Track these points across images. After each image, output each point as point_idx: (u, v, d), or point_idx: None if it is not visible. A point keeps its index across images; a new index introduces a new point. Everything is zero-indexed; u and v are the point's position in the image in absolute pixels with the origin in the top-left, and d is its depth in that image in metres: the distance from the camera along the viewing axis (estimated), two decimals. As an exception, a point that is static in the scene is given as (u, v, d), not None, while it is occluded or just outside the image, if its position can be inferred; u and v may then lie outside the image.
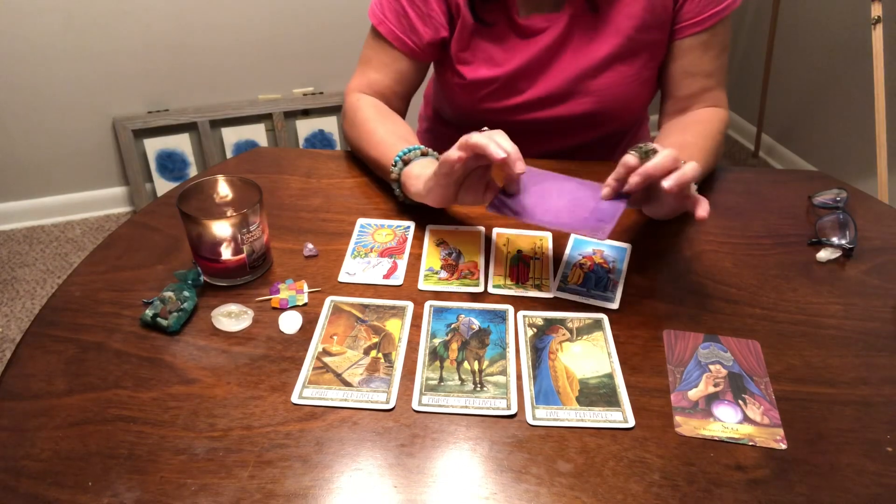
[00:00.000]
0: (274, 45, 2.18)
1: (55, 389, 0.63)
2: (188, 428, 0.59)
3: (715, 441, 0.60)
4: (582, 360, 0.67)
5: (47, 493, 0.54)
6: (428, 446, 0.59)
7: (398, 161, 0.84)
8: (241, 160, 1.00)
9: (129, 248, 0.81)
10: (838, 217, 0.85)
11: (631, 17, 0.92)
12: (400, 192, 0.86)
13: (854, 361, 0.68)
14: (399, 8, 0.94)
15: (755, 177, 0.99)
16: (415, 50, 0.96)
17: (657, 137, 0.97)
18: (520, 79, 0.97)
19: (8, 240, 2.16)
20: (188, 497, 0.54)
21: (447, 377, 0.65)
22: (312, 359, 0.67)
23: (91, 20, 1.97)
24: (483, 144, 0.67)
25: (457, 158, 0.70)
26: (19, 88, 2.01)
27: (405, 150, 0.84)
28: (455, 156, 0.70)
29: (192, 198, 0.75)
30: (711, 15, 0.91)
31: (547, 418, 0.61)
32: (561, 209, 0.74)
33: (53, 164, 2.17)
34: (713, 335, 0.70)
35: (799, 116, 2.47)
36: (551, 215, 0.73)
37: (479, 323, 0.71)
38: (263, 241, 0.76)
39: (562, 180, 0.77)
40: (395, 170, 0.84)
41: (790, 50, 2.44)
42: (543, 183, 0.77)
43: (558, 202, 0.74)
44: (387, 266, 0.79)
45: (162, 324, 0.69)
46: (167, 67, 2.12)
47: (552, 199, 0.75)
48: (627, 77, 0.95)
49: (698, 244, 0.84)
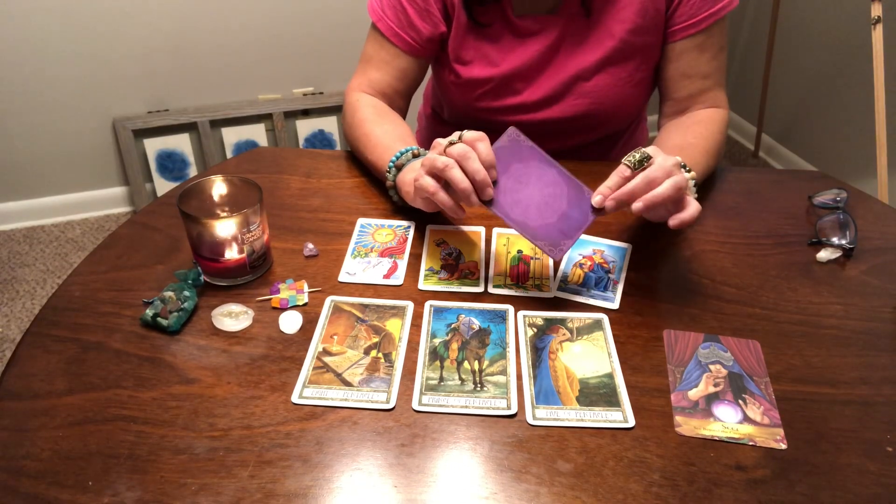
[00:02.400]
0: (274, 45, 2.18)
1: (55, 389, 0.63)
2: (188, 428, 0.60)
3: (715, 441, 0.60)
4: (582, 360, 0.67)
5: (47, 493, 0.54)
6: (428, 446, 0.59)
7: (392, 168, 0.85)
8: (241, 160, 1.00)
9: (130, 248, 0.81)
10: (838, 217, 0.85)
11: (624, 21, 0.92)
12: (398, 197, 0.86)
13: (854, 361, 0.68)
14: (397, 4, 0.95)
15: (755, 177, 0.99)
16: (414, 46, 0.96)
17: (657, 138, 0.97)
18: (515, 80, 0.97)
19: (8, 240, 2.16)
20: (188, 497, 0.54)
21: (447, 377, 0.65)
22: (313, 359, 0.67)
23: (91, 20, 1.97)
24: (453, 179, 0.70)
25: (432, 192, 0.72)
26: (19, 88, 2.01)
27: (398, 154, 0.85)
28: (430, 188, 0.72)
29: (192, 198, 0.75)
30: (706, 17, 0.91)
31: (547, 418, 0.61)
32: (531, 205, 0.72)
33: (53, 164, 2.17)
34: (713, 335, 0.70)
35: (799, 116, 2.47)
36: (519, 211, 0.72)
37: (479, 323, 0.71)
38: (264, 240, 0.76)
39: (545, 167, 0.73)
40: (389, 177, 0.85)
41: (790, 50, 2.44)
42: (529, 162, 0.74)
43: (532, 194, 0.73)
44: (387, 266, 0.79)
45: (162, 323, 0.69)
46: (167, 67, 2.12)
47: (528, 188, 0.73)
48: (620, 79, 0.96)
49: (698, 244, 0.84)
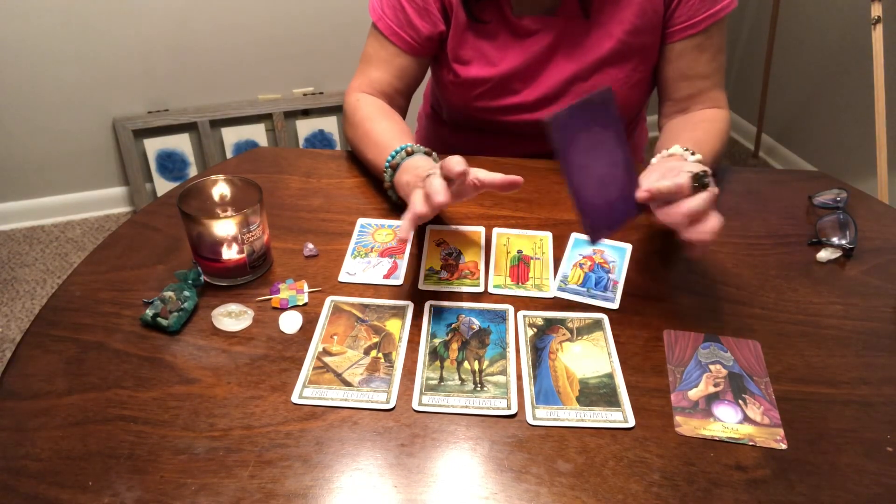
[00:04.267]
0: (274, 45, 2.18)
1: (55, 389, 0.63)
2: (188, 428, 0.59)
3: (715, 441, 0.60)
4: (582, 360, 0.67)
5: (47, 493, 0.54)
6: (428, 446, 0.59)
7: (388, 169, 0.84)
8: (241, 160, 1.00)
9: (130, 248, 0.81)
10: (838, 217, 0.85)
11: (622, 22, 0.92)
12: (396, 197, 0.86)
13: (854, 361, 0.68)
14: (396, 4, 0.95)
15: (755, 177, 0.99)
16: (413, 45, 0.97)
17: (663, 136, 0.96)
18: (513, 80, 0.97)
19: (8, 240, 2.16)
20: (188, 497, 0.54)
21: (447, 377, 0.65)
22: (313, 359, 0.67)
23: (91, 20, 1.97)
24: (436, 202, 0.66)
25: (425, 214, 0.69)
26: (19, 88, 2.01)
27: (392, 154, 0.84)
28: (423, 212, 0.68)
29: (192, 198, 0.75)
30: (705, 18, 0.91)
31: (547, 418, 0.61)
32: (592, 177, 0.70)
33: (53, 164, 2.17)
34: (713, 335, 0.70)
35: (799, 116, 2.47)
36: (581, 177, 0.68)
37: (479, 323, 0.71)
38: (264, 240, 0.76)
39: (617, 145, 0.70)
40: (386, 177, 0.85)
41: (790, 50, 2.44)
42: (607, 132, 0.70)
43: (597, 167, 0.70)
44: (387, 266, 0.79)
45: (162, 323, 0.69)
46: (167, 67, 2.12)
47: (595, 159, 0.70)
48: (618, 79, 0.96)
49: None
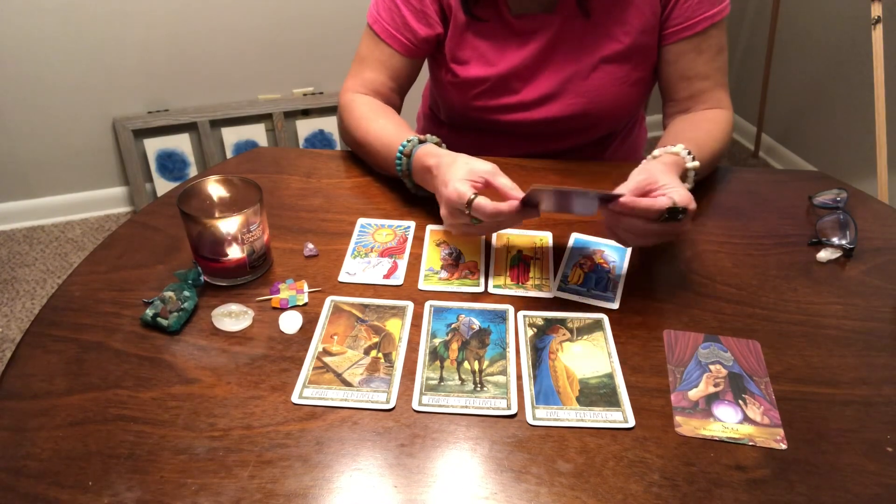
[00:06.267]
0: (274, 45, 2.18)
1: (55, 389, 0.63)
2: (188, 428, 0.59)
3: (715, 441, 0.60)
4: (582, 360, 0.67)
5: (47, 493, 0.54)
6: (428, 446, 0.59)
7: (401, 157, 0.85)
8: (242, 160, 1.00)
9: (130, 248, 0.81)
10: (838, 217, 0.85)
11: (621, 22, 0.92)
12: (412, 184, 0.87)
13: (854, 361, 0.68)
14: (393, 6, 0.95)
15: (755, 177, 0.99)
16: (409, 46, 0.97)
17: (667, 131, 0.96)
18: (511, 79, 0.97)
19: (8, 240, 2.16)
20: (188, 497, 0.54)
21: (447, 377, 0.65)
22: (313, 359, 0.67)
23: (91, 20, 1.97)
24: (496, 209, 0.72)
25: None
26: (19, 88, 2.01)
27: (403, 143, 0.85)
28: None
29: (192, 198, 0.75)
30: (701, 20, 0.91)
31: (547, 418, 0.61)
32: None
33: (53, 164, 2.17)
34: (713, 335, 0.70)
35: (799, 116, 2.47)
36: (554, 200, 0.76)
37: (479, 323, 0.71)
38: (264, 240, 0.76)
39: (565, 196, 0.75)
40: (400, 165, 0.86)
41: (790, 50, 2.44)
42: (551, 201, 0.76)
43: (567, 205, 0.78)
44: (387, 266, 0.79)
45: (162, 323, 0.69)
46: (167, 67, 2.12)
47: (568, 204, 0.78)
48: (617, 78, 0.96)
49: (698, 244, 0.84)
